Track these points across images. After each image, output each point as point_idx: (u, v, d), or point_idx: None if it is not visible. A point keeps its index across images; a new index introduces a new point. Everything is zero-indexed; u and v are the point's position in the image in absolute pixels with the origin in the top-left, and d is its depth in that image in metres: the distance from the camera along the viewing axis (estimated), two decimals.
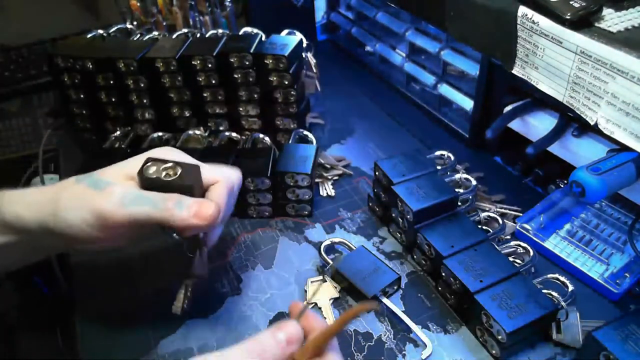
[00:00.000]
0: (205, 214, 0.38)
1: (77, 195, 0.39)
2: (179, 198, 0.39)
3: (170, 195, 0.39)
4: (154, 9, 0.84)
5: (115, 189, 0.39)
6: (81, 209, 0.38)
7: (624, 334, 0.38)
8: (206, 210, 0.38)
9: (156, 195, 0.39)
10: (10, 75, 1.05)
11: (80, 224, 0.38)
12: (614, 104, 0.41)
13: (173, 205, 0.38)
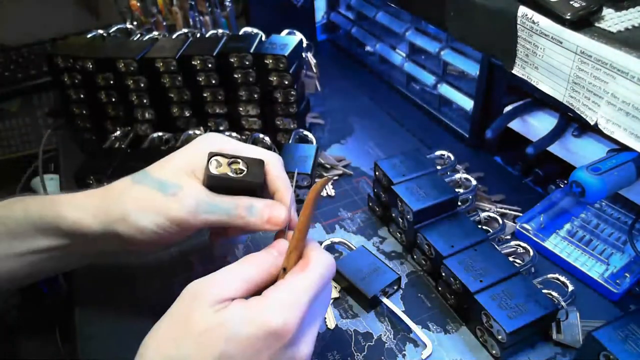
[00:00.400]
0: (278, 220, 0.39)
1: (145, 199, 0.39)
2: (250, 203, 0.39)
3: (241, 201, 0.39)
4: (154, 9, 0.84)
5: (187, 195, 0.38)
6: (155, 214, 0.38)
7: (624, 334, 0.38)
8: (278, 215, 0.39)
9: (229, 202, 0.39)
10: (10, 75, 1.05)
11: (153, 229, 0.38)
12: (614, 104, 0.41)
13: (246, 212, 0.39)
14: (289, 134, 0.65)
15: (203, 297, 0.31)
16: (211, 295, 0.31)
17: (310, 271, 0.34)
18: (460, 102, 0.69)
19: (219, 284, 0.32)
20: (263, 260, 0.35)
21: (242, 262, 0.34)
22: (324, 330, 0.47)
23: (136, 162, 0.58)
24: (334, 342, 0.46)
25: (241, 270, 0.34)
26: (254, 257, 0.35)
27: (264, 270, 0.34)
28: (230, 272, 0.33)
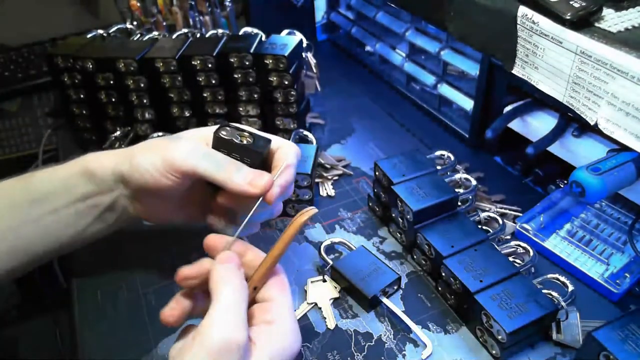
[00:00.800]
0: (260, 184, 0.41)
1: (151, 143, 0.44)
2: (241, 165, 0.42)
3: (233, 161, 0.42)
4: (154, 9, 0.84)
5: (186, 142, 0.43)
6: (153, 154, 0.42)
7: (623, 334, 0.38)
8: (260, 180, 0.41)
9: (222, 157, 0.42)
10: (10, 75, 1.05)
11: (149, 168, 0.42)
12: (614, 104, 0.41)
13: (234, 169, 0.41)
14: (289, 134, 0.65)
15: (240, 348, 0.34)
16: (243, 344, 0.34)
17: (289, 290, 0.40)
18: (460, 102, 0.69)
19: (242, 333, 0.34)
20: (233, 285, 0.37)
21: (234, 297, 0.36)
22: (324, 330, 0.47)
23: None
24: (334, 342, 0.46)
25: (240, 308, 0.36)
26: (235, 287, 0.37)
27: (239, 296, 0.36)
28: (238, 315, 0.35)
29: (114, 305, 0.50)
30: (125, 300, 0.50)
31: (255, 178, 0.41)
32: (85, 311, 0.50)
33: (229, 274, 0.37)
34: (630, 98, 0.39)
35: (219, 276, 0.37)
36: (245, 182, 0.41)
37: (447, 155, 0.60)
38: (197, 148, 0.42)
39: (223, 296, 0.35)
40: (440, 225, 0.50)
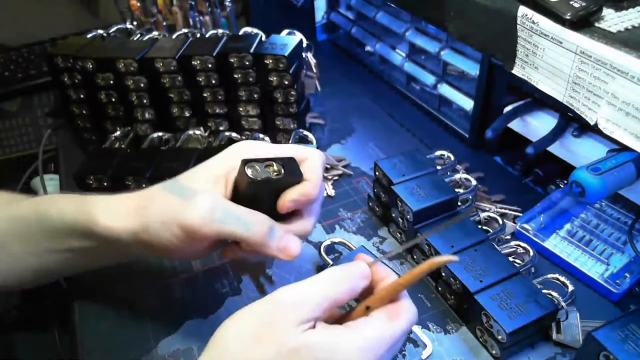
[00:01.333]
0: (292, 253, 0.39)
1: (165, 205, 0.38)
2: (272, 224, 0.38)
3: (264, 219, 0.38)
4: (154, 9, 0.84)
5: (202, 200, 0.37)
6: (170, 222, 0.37)
7: (623, 334, 0.38)
8: (294, 250, 0.39)
9: (249, 215, 0.38)
10: (10, 75, 1.05)
11: (169, 237, 0.37)
12: (614, 104, 0.41)
13: (264, 231, 0.37)
14: (289, 134, 0.65)
15: (291, 313, 0.32)
16: (299, 314, 0.32)
17: (399, 323, 0.34)
18: (460, 102, 0.69)
19: (308, 303, 0.33)
20: (347, 281, 0.35)
21: (329, 279, 0.35)
22: None
23: (136, 162, 0.58)
24: None
25: (328, 290, 0.34)
26: (340, 276, 0.35)
27: (347, 291, 0.35)
28: (318, 290, 0.34)
29: (114, 305, 0.50)
30: (125, 300, 0.50)
31: (288, 247, 0.39)
32: (85, 311, 0.50)
33: (340, 269, 0.36)
34: (630, 98, 0.39)
35: (332, 268, 0.36)
36: (279, 249, 0.38)
37: (447, 155, 0.60)
38: (217, 205, 0.37)
39: (315, 276, 0.35)
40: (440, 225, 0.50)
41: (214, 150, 0.60)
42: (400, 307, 0.35)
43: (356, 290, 0.35)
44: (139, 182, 0.57)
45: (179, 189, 0.38)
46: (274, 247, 0.38)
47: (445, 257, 0.33)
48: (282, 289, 0.34)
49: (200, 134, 0.64)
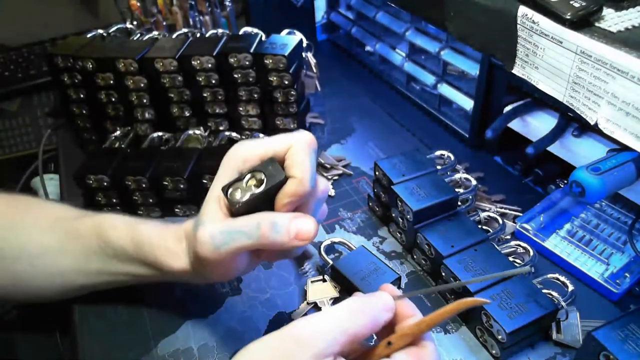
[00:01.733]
0: (307, 235, 0.36)
1: (190, 243, 0.40)
2: (272, 219, 0.36)
3: (262, 219, 0.36)
4: (154, 9, 0.84)
5: (201, 232, 0.37)
6: (193, 260, 0.40)
7: (623, 334, 0.38)
8: (307, 230, 0.36)
9: (248, 224, 0.36)
10: (10, 75, 1.05)
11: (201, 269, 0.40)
12: (614, 104, 0.41)
13: (269, 230, 0.36)
14: None
15: (309, 348, 0.31)
16: (316, 349, 0.31)
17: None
18: (460, 102, 0.69)
19: (325, 338, 0.31)
20: (368, 314, 0.33)
21: (348, 312, 0.33)
22: None
23: (136, 162, 0.58)
24: None
25: (346, 323, 0.32)
26: (360, 309, 0.33)
27: (368, 325, 0.33)
28: (336, 324, 0.32)
29: (114, 305, 0.50)
30: (124, 301, 0.50)
31: (300, 231, 0.36)
32: (85, 311, 0.49)
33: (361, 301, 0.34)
34: (630, 98, 0.39)
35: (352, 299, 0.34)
36: (291, 238, 0.36)
37: (447, 155, 0.60)
38: (214, 231, 0.37)
39: (334, 308, 0.33)
40: (440, 225, 0.50)
41: (214, 150, 0.60)
42: (425, 352, 0.33)
43: (378, 323, 0.33)
44: (139, 182, 0.57)
45: (196, 224, 0.39)
46: (285, 240, 0.36)
47: (477, 299, 0.32)
48: (298, 322, 0.32)
49: (200, 133, 0.64)
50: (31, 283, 0.46)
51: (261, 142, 0.39)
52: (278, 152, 0.38)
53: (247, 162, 0.38)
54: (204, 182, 0.56)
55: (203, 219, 0.38)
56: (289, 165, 0.37)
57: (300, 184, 0.36)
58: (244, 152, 0.39)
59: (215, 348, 0.45)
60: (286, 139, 0.38)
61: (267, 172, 0.37)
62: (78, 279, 0.46)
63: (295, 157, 0.37)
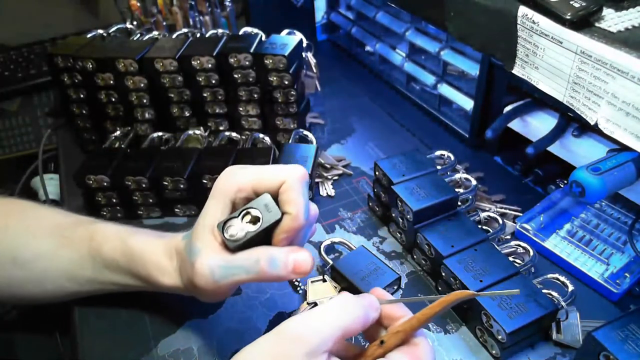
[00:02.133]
0: (304, 268, 0.37)
1: (185, 268, 0.40)
2: (270, 255, 0.37)
3: (261, 255, 0.37)
4: (154, 9, 0.84)
5: (203, 264, 0.38)
6: (191, 285, 0.40)
7: (623, 334, 0.38)
8: (304, 263, 0.37)
9: (247, 259, 0.37)
10: (10, 75, 1.05)
11: (183, 287, 0.41)
12: (614, 104, 0.41)
13: (267, 266, 0.37)
14: (289, 134, 0.65)
15: (303, 345, 0.31)
16: (309, 346, 0.31)
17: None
18: (460, 102, 0.69)
19: (317, 334, 0.32)
20: (358, 310, 0.34)
21: (339, 308, 0.33)
22: None
23: (136, 162, 0.58)
24: None
25: (338, 319, 0.33)
26: (351, 304, 0.34)
27: (358, 321, 0.34)
28: (328, 320, 0.33)
29: (114, 306, 0.50)
30: (125, 301, 0.50)
31: (297, 264, 0.37)
32: (85, 311, 0.49)
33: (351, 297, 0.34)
34: (630, 98, 0.39)
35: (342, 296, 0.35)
36: (289, 272, 0.37)
37: (447, 155, 0.60)
38: (213, 265, 0.38)
39: (324, 306, 0.34)
40: (440, 225, 0.50)
41: (214, 150, 0.60)
42: (419, 349, 0.33)
43: (368, 319, 0.34)
44: (139, 182, 0.57)
45: (189, 248, 0.39)
46: (283, 273, 0.37)
47: (465, 292, 0.32)
48: (292, 320, 0.33)
49: (200, 133, 0.64)
50: (23, 287, 0.46)
51: (253, 171, 0.40)
52: (271, 186, 0.38)
53: (240, 192, 0.39)
54: (204, 182, 0.56)
55: (198, 247, 0.38)
56: (284, 201, 0.38)
57: (295, 219, 0.37)
58: (237, 181, 0.39)
59: (215, 348, 0.45)
60: (279, 173, 0.39)
61: (263, 210, 0.38)
62: (69, 285, 0.46)
63: (289, 194, 0.38)
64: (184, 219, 0.60)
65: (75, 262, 0.45)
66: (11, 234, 0.47)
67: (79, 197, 0.60)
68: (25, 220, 0.48)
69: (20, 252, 0.46)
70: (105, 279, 0.45)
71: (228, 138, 0.65)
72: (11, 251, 0.46)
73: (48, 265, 0.46)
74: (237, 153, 0.59)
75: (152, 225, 0.59)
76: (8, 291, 0.47)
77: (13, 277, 0.46)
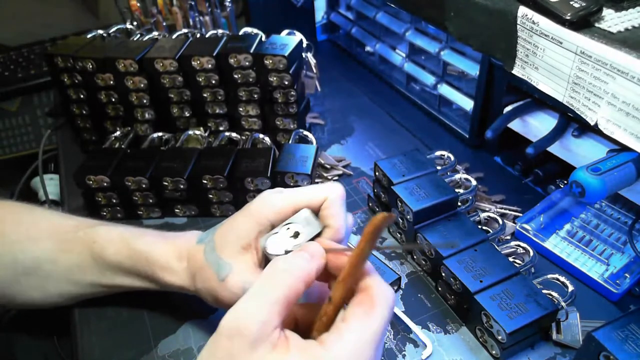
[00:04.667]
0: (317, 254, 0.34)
1: (207, 280, 0.40)
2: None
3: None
4: (154, 9, 0.84)
5: (235, 281, 0.38)
6: (211, 294, 0.40)
7: (623, 334, 0.38)
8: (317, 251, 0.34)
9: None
10: (10, 75, 1.05)
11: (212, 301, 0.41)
12: (614, 104, 0.41)
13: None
14: (289, 134, 0.65)
15: (243, 337, 0.28)
16: (252, 333, 0.28)
17: (376, 315, 0.30)
18: (460, 102, 0.69)
19: (256, 317, 0.28)
20: (292, 271, 0.31)
21: (267, 279, 0.31)
22: None
23: (136, 162, 0.58)
24: None
25: (272, 291, 0.30)
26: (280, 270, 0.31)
27: (296, 284, 0.30)
28: (261, 299, 0.29)
29: (114, 305, 0.50)
30: (125, 301, 0.50)
31: None
32: (85, 311, 0.49)
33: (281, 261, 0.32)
34: (630, 98, 0.39)
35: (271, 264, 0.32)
36: None
37: (447, 155, 0.60)
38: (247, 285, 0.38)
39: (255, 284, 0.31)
40: (440, 225, 0.50)
41: (214, 150, 0.60)
42: (373, 293, 0.30)
43: (309, 275, 0.31)
44: (139, 182, 0.57)
45: (216, 262, 0.40)
46: None
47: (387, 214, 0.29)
48: (227, 315, 0.29)
49: (200, 134, 0.64)
50: (25, 293, 0.47)
51: (292, 195, 0.40)
52: (312, 204, 0.39)
53: (279, 214, 0.39)
54: (204, 182, 0.56)
55: (229, 264, 0.39)
56: (326, 216, 0.38)
57: (336, 232, 0.38)
58: (275, 206, 0.39)
59: None
60: (320, 192, 0.39)
61: (304, 224, 0.39)
62: (71, 289, 0.47)
63: (331, 209, 0.38)
64: (184, 219, 0.60)
65: (77, 266, 0.45)
66: (9, 241, 0.46)
67: (79, 197, 0.60)
68: (22, 225, 0.48)
69: (20, 258, 0.46)
70: (108, 281, 0.46)
71: (228, 138, 0.65)
72: (11, 257, 0.46)
73: (49, 269, 0.46)
74: (237, 153, 0.59)
75: (152, 226, 0.59)
76: (10, 297, 0.47)
77: (14, 283, 0.46)
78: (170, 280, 0.43)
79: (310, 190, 0.40)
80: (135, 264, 0.44)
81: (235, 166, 0.57)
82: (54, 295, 0.47)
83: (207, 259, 0.40)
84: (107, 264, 0.45)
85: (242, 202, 0.58)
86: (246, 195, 0.57)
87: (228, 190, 0.57)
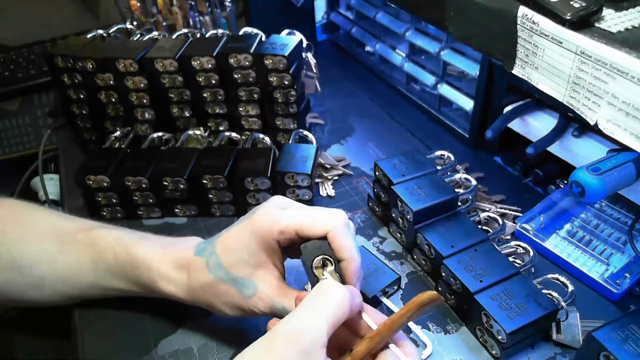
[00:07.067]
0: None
1: (227, 296, 0.41)
2: None
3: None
4: (154, 9, 0.84)
5: (262, 298, 0.40)
6: (232, 306, 0.41)
7: (624, 334, 0.38)
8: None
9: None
10: (10, 75, 1.05)
11: (227, 312, 0.42)
12: (614, 104, 0.41)
13: None
14: (289, 134, 0.65)
15: (296, 345, 0.31)
16: (305, 344, 0.31)
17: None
18: (460, 102, 0.69)
19: (310, 331, 0.32)
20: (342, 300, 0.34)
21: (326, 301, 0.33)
22: None
23: (136, 162, 0.58)
24: None
25: (328, 314, 0.33)
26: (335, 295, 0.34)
27: (344, 310, 0.34)
28: (318, 317, 0.32)
29: (114, 306, 0.50)
30: (125, 301, 0.50)
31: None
32: (85, 312, 0.49)
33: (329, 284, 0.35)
34: (630, 98, 0.39)
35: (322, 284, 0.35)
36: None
37: (447, 155, 0.60)
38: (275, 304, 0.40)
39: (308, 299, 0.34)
40: (440, 225, 0.50)
41: (214, 150, 0.60)
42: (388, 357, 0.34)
43: (352, 308, 0.35)
44: (139, 182, 0.57)
45: (233, 281, 0.40)
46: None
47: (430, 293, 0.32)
48: (283, 321, 0.33)
49: (200, 134, 0.64)
50: (23, 292, 0.47)
51: (295, 216, 0.40)
52: (315, 234, 0.39)
53: (284, 233, 0.40)
54: (204, 182, 0.56)
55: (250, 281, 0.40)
56: (337, 249, 0.39)
57: (352, 262, 0.38)
58: (279, 224, 0.40)
59: (215, 348, 0.45)
60: (323, 223, 0.39)
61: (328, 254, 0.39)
62: (69, 290, 0.47)
63: (339, 242, 0.38)
64: (184, 219, 0.60)
65: (75, 268, 0.45)
66: (7, 240, 0.46)
67: (79, 197, 0.60)
68: (21, 225, 0.48)
69: (18, 258, 0.46)
70: (106, 284, 0.45)
71: (228, 138, 0.65)
72: (9, 256, 0.46)
73: (47, 270, 0.46)
74: (237, 153, 0.59)
75: (152, 225, 0.59)
76: (8, 296, 0.47)
77: (12, 282, 0.46)
78: (166, 289, 0.43)
79: (313, 217, 0.39)
80: (133, 269, 0.44)
81: (235, 166, 0.57)
82: (52, 295, 0.47)
83: (217, 275, 0.41)
84: (106, 267, 0.45)
85: (242, 202, 0.58)
86: (246, 195, 0.57)
87: (228, 190, 0.57)
